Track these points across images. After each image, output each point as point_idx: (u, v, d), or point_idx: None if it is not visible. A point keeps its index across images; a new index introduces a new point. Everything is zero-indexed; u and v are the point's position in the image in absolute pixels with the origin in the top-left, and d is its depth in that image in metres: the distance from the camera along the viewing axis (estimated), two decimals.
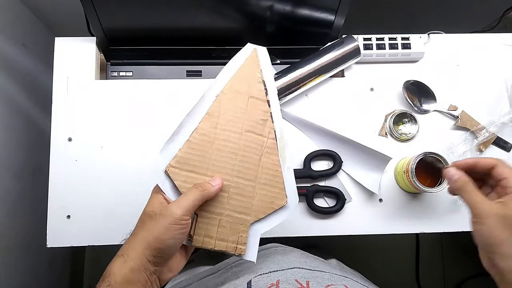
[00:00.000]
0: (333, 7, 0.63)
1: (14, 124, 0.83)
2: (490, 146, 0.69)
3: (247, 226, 0.47)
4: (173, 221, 0.40)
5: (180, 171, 0.45)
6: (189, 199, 0.42)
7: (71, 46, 0.68)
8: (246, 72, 0.50)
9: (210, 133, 0.47)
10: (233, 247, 0.46)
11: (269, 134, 0.48)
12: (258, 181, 0.47)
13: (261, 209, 0.47)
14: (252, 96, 0.49)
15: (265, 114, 0.49)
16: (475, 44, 0.74)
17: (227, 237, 0.46)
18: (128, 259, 0.40)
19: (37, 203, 0.87)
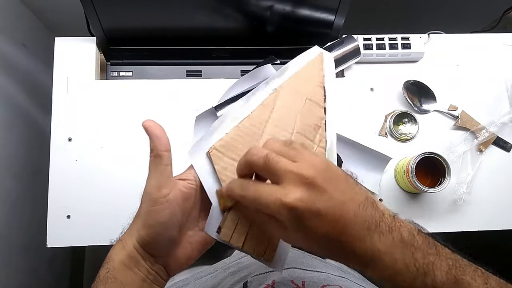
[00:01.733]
0: (333, 7, 0.63)
1: (14, 124, 0.83)
2: (490, 146, 0.69)
3: None
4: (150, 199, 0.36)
5: (223, 156, 0.42)
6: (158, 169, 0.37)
7: (71, 46, 0.68)
8: (308, 74, 0.47)
9: (261, 124, 0.44)
10: (261, 251, 0.41)
11: (319, 142, 0.45)
12: None
13: None
14: (310, 99, 0.46)
15: (320, 120, 0.46)
16: (475, 44, 0.74)
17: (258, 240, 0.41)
18: (125, 244, 0.37)
19: (37, 203, 0.87)
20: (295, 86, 0.46)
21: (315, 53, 0.48)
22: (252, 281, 0.45)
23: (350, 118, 0.69)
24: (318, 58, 0.48)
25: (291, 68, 0.47)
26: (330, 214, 0.29)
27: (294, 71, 0.47)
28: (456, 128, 0.70)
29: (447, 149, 0.67)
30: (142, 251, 0.37)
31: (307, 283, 0.42)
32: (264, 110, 0.44)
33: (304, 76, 0.47)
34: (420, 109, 0.69)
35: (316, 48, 0.48)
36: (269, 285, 0.42)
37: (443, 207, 0.67)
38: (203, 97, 0.66)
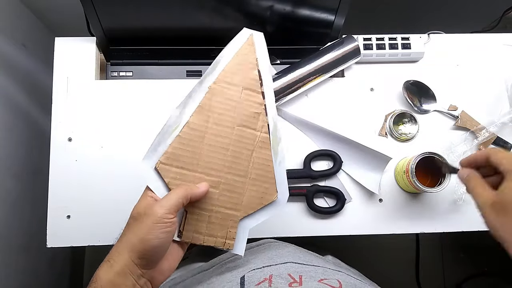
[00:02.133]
0: (333, 7, 0.63)
1: (14, 124, 0.83)
2: (490, 146, 0.69)
3: (236, 221, 0.46)
4: (155, 220, 0.39)
5: (170, 167, 0.45)
6: (172, 197, 0.41)
7: (71, 46, 0.68)
8: (240, 61, 0.47)
9: (201, 127, 0.45)
10: (222, 242, 0.46)
11: (262, 128, 0.47)
12: (249, 176, 0.46)
13: (251, 205, 0.47)
14: (246, 87, 0.47)
15: (258, 106, 0.47)
16: (475, 44, 0.74)
17: (216, 233, 0.46)
18: (114, 263, 0.39)
19: (37, 203, 0.87)
20: (229, 78, 0.46)
21: (244, 36, 0.48)
22: (249, 275, 0.45)
23: (350, 118, 0.69)
24: (248, 41, 0.48)
25: (222, 61, 0.47)
26: None
27: (226, 62, 0.47)
28: (456, 128, 0.70)
29: (447, 149, 0.67)
30: (132, 265, 0.39)
31: (304, 277, 0.42)
32: (202, 111, 0.45)
33: (236, 65, 0.47)
34: (420, 109, 0.69)
35: (245, 31, 0.48)
36: (266, 279, 0.43)
37: (443, 207, 0.67)
38: None
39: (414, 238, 1.21)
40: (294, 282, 0.42)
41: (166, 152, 0.45)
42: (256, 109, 0.47)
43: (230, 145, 0.46)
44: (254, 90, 0.47)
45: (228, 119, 0.46)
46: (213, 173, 0.45)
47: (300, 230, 0.66)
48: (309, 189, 0.65)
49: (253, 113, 0.46)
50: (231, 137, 0.46)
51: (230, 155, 0.46)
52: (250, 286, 0.43)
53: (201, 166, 0.45)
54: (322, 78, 0.68)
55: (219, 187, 0.46)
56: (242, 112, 0.46)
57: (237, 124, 0.46)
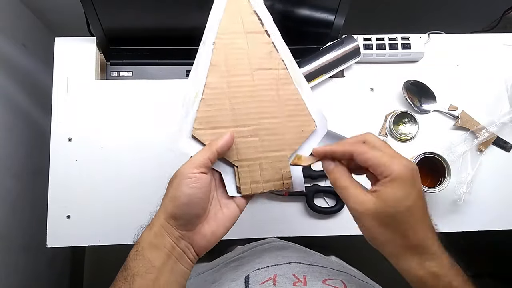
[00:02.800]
0: (333, 7, 0.63)
1: (14, 124, 0.83)
2: (490, 146, 0.69)
3: (287, 160, 0.46)
4: (182, 176, 0.40)
5: (205, 131, 0.44)
6: (197, 154, 0.41)
7: (71, 46, 0.68)
8: (233, 9, 0.47)
9: (221, 84, 0.45)
10: (280, 184, 0.46)
11: (278, 65, 0.46)
12: (283, 114, 0.46)
13: (294, 140, 0.46)
14: (248, 31, 0.46)
15: (267, 45, 0.46)
16: (475, 44, 0.74)
17: (272, 177, 0.46)
18: (152, 226, 0.40)
19: (37, 203, 0.87)
20: (230, 27, 0.46)
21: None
22: (253, 275, 0.45)
23: (350, 118, 0.69)
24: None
25: (216, 15, 0.46)
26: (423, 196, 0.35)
27: (220, 16, 0.46)
28: (456, 128, 0.70)
29: (447, 149, 0.67)
30: (168, 226, 0.40)
31: (308, 277, 0.42)
32: (216, 69, 0.45)
33: (231, 14, 0.46)
34: (420, 109, 0.69)
35: None
36: (270, 278, 0.43)
37: (443, 207, 0.67)
38: None
39: None
40: (298, 282, 0.42)
41: (196, 118, 0.44)
42: (265, 48, 0.46)
43: (255, 91, 0.46)
44: (258, 31, 0.46)
45: (243, 67, 0.46)
46: (248, 122, 0.45)
47: (300, 230, 0.66)
48: (309, 189, 0.65)
49: (264, 53, 0.46)
50: (253, 83, 0.46)
51: (258, 100, 0.46)
52: (254, 285, 0.43)
53: (234, 120, 0.45)
54: (322, 78, 0.68)
55: (258, 134, 0.45)
56: (254, 55, 0.46)
57: (253, 69, 0.46)
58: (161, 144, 0.65)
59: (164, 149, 0.65)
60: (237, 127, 0.45)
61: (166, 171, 0.64)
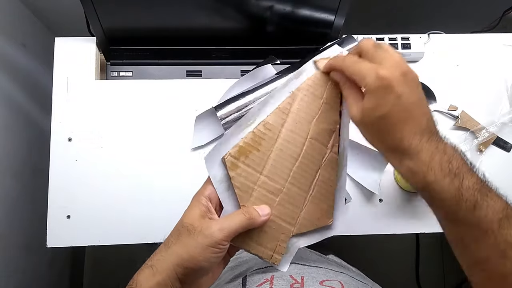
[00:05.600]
0: (333, 7, 0.63)
1: (14, 124, 0.83)
2: (490, 146, 0.69)
3: (288, 236, 0.44)
4: (211, 243, 0.37)
5: (237, 162, 0.43)
6: (233, 224, 0.38)
7: (71, 46, 0.68)
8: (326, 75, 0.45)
9: (276, 129, 0.43)
10: (270, 254, 0.44)
11: (333, 147, 0.45)
12: (310, 193, 0.44)
13: (306, 223, 0.45)
14: (327, 102, 0.45)
15: (335, 124, 0.45)
16: (475, 44, 0.74)
17: (266, 243, 0.44)
18: (157, 272, 0.37)
19: (37, 203, 0.87)
20: (313, 88, 0.44)
21: (334, 52, 0.46)
22: (251, 275, 0.45)
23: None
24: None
25: (309, 68, 0.45)
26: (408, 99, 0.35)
27: (312, 72, 0.45)
28: (456, 128, 0.70)
29: None
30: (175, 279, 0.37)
31: (306, 278, 0.42)
32: (280, 114, 0.44)
33: (322, 77, 0.45)
34: None
35: (337, 48, 0.46)
36: (268, 280, 0.43)
37: None
38: (203, 97, 0.66)
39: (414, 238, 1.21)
40: (295, 283, 0.41)
41: (236, 145, 0.43)
42: (331, 125, 0.45)
43: (300, 156, 0.44)
44: (334, 107, 0.45)
45: (303, 128, 0.44)
46: (277, 179, 0.44)
47: None
48: None
49: (328, 129, 0.45)
50: (302, 148, 0.44)
51: (298, 166, 0.44)
52: (251, 286, 0.42)
53: (267, 169, 0.43)
54: None
55: (279, 195, 0.44)
56: (318, 125, 0.44)
57: (310, 136, 0.44)
58: (161, 144, 0.65)
59: (164, 149, 0.65)
60: (265, 177, 0.43)
61: (166, 171, 0.65)
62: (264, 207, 0.42)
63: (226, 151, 0.42)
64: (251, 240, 0.43)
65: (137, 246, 0.63)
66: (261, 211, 0.41)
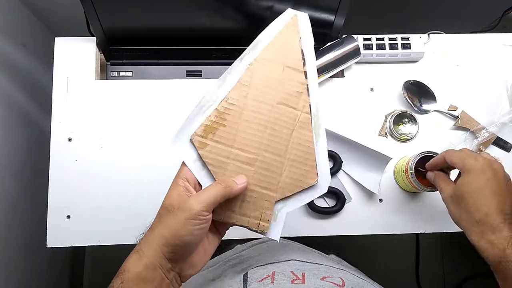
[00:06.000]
0: (333, 7, 0.63)
1: (14, 124, 0.83)
2: (490, 146, 0.69)
3: (272, 203, 0.44)
4: (190, 215, 0.37)
5: (205, 140, 0.43)
6: (210, 194, 0.39)
7: (71, 46, 0.68)
8: (283, 40, 0.45)
9: (239, 102, 0.44)
10: (256, 223, 0.43)
11: (303, 108, 0.44)
12: (288, 157, 0.44)
13: (289, 187, 0.44)
14: (287, 65, 0.45)
15: (300, 86, 0.44)
16: (475, 44, 0.74)
17: (250, 213, 0.43)
18: (143, 255, 0.37)
19: (37, 203, 0.87)
20: (271, 56, 0.45)
21: (288, 16, 0.46)
22: (252, 272, 0.45)
23: (350, 118, 0.69)
24: (292, 21, 0.46)
25: (263, 39, 0.45)
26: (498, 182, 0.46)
27: (268, 40, 0.45)
28: (456, 128, 0.70)
29: (447, 149, 0.67)
30: (162, 259, 0.38)
31: (307, 275, 0.42)
32: (241, 87, 0.44)
33: (279, 43, 0.45)
34: (420, 109, 0.69)
35: (289, 11, 0.47)
36: (269, 276, 0.43)
37: (443, 207, 0.66)
38: None
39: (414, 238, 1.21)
40: (296, 279, 0.42)
41: (202, 125, 0.43)
42: (297, 88, 0.44)
43: (269, 123, 0.44)
44: (296, 69, 0.45)
45: (267, 97, 0.44)
46: (250, 149, 0.43)
47: (300, 230, 0.66)
48: None
49: (294, 91, 0.44)
50: (270, 115, 0.44)
51: (269, 133, 0.44)
52: (252, 282, 0.43)
53: (237, 141, 0.43)
54: (322, 78, 0.68)
55: (254, 165, 0.43)
56: (283, 90, 0.44)
57: (276, 101, 0.44)
58: (161, 144, 0.65)
59: (164, 149, 0.65)
60: (237, 150, 0.43)
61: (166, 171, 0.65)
62: (240, 176, 0.42)
63: (192, 132, 0.43)
64: (234, 213, 0.43)
65: None
66: (238, 180, 0.42)
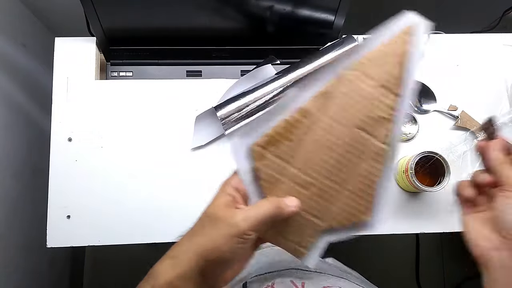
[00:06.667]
0: (333, 7, 0.63)
1: (14, 124, 0.83)
2: None
3: (318, 232, 0.40)
4: (236, 233, 0.34)
5: (265, 152, 0.38)
6: (259, 213, 0.35)
7: (71, 46, 0.68)
8: (388, 52, 0.38)
9: (313, 117, 0.38)
10: (293, 248, 0.40)
11: (384, 138, 0.38)
12: (346, 186, 0.39)
13: (338, 218, 0.39)
14: (382, 84, 0.37)
15: (388, 110, 0.37)
16: (475, 44, 0.74)
17: (291, 237, 0.40)
18: (178, 264, 0.35)
19: (37, 203, 0.87)
20: (365, 68, 0.37)
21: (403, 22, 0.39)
22: (251, 281, 0.45)
23: None
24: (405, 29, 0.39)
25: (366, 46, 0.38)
26: None
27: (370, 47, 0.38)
28: (456, 128, 0.70)
29: (447, 149, 0.67)
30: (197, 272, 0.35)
31: (307, 284, 0.42)
32: (321, 99, 0.37)
33: (380, 54, 0.37)
34: (420, 109, 0.69)
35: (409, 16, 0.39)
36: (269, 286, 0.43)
37: (443, 207, 0.67)
38: (203, 97, 0.66)
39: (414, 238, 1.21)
40: None
41: (266, 134, 0.38)
42: (383, 112, 0.37)
43: (339, 147, 0.38)
44: (391, 90, 0.37)
45: (347, 116, 0.37)
46: (310, 172, 0.38)
47: None
48: None
49: (378, 116, 0.37)
50: (343, 138, 0.38)
51: (335, 159, 0.38)
52: None
53: (298, 161, 0.38)
54: None
55: (309, 189, 0.39)
56: (367, 112, 0.37)
57: (355, 125, 0.37)
58: (161, 144, 0.65)
59: (164, 149, 0.65)
60: (296, 169, 0.39)
61: (166, 171, 0.65)
62: (292, 198, 0.38)
63: (254, 140, 0.38)
64: (277, 233, 0.39)
65: (137, 246, 0.63)
66: (290, 201, 0.38)
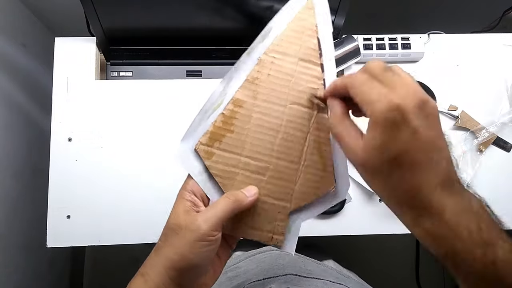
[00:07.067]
0: (333, 7, 0.63)
1: (14, 124, 0.83)
2: (490, 146, 0.69)
3: (286, 214, 0.40)
4: (198, 237, 0.34)
5: (211, 149, 0.39)
6: (218, 211, 0.35)
7: (71, 46, 0.68)
8: (297, 27, 0.39)
9: (248, 104, 0.39)
10: (269, 237, 0.40)
11: (319, 107, 0.39)
12: (302, 163, 0.39)
13: (304, 196, 0.40)
14: (302, 58, 0.39)
15: (316, 81, 0.39)
16: (475, 44, 0.74)
17: (262, 226, 0.39)
18: (149, 279, 0.35)
19: (37, 203, 0.87)
20: (282, 48, 0.39)
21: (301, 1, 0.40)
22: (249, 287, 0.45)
23: None
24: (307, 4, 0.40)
25: (275, 27, 0.39)
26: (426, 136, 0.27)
27: (280, 30, 0.39)
28: (456, 128, 0.70)
29: None
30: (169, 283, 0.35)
31: None
32: (249, 86, 0.39)
33: (291, 32, 0.39)
34: None
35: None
36: None
37: None
38: (203, 97, 0.66)
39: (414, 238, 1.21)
40: None
41: (207, 132, 0.39)
42: (313, 83, 0.39)
43: (282, 126, 0.39)
44: (312, 62, 0.39)
45: (279, 96, 0.39)
46: (260, 157, 0.39)
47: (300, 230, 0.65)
48: None
49: (309, 88, 0.39)
50: (282, 117, 0.39)
51: (281, 138, 0.39)
52: None
53: (246, 149, 0.39)
54: None
55: (266, 174, 0.39)
56: (297, 87, 0.39)
57: (290, 101, 0.39)
58: (161, 144, 0.65)
59: (164, 149, 0.65)
60: (246, 158, 0.39)
61: (166, 171, 0.65)
62: (250, 188, 0.38)
63: (196, 140, 0.39)
64: (246, 225, 0.39)
65: (137, 246, 0.63)
66: (247, 191, 0.38)
